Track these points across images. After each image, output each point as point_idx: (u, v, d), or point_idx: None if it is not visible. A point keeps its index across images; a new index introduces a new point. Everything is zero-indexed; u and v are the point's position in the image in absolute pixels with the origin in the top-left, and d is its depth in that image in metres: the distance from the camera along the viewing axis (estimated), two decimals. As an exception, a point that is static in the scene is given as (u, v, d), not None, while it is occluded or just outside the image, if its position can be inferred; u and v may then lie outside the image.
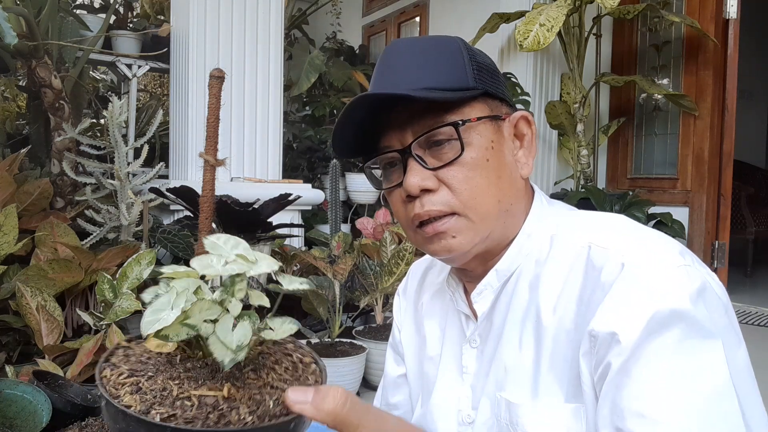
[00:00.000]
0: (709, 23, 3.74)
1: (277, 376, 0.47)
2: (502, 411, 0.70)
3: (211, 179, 1.31)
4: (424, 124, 0.69)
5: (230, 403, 0.42)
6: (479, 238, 0.71)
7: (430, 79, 0.69)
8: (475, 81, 0.70)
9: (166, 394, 0.42)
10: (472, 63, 0.71)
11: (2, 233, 2.13)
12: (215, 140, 1.30)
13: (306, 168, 4.56)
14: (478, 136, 0.70)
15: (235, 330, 0.42)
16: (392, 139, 0.72)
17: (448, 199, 0.69)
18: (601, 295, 0.62)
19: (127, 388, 0.43)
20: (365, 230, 3.10)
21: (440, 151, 0.70)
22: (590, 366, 0.62)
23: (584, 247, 0.67)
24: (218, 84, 1.29)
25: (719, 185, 3.81)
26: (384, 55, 0.74)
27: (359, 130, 0.72)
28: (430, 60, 0.70)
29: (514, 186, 0.73)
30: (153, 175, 2.75)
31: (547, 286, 0.69)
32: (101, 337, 1.83)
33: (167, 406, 0.41)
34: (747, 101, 5.79)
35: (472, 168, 0.69)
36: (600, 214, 0.74)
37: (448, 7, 4.89)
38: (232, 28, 3.23)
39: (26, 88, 3.58)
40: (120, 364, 0.47)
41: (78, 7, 4.01)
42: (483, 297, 0.76)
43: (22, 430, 1.37)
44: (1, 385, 1.43)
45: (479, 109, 0.71)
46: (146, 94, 5.71)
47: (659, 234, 0.67)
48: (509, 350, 0.71)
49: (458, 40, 0.74)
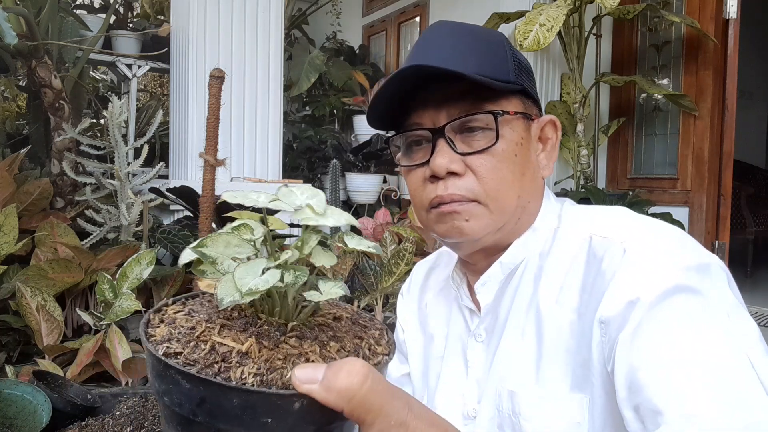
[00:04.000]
0: (709, 23, 3.74)
1: (322, 352, 0.40)
2: (504, 402, 0.70)
3: (211, 179, 1.31)
4: (461, 108, 0.69)
5: (241, 359, 0.37)
6: (492, 228, 0.71)
7: (473, 65, 0.68)
8: (515, 76, 0.71)
9: (188, 333, 0.40)
10: (513, 58, 0.72)
11: (2, 233, 2.13)
12: (215, 140, 1.30)
13: (306, 168, 4.56)
14: (511, 130, 0.70)
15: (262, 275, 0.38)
16: (424, 117, 0.71)
17: (473, 186, 0.69)
18: (604, 283, 0.63)
19: (168, 321, 0.42)
20: (365, 230, 3.10)
21: (472, 138, 0.70)
22: (603, 355, 0.62)
23: (585, 239, 0.69)
24: (218, 84, 1.29)
25: (719, 185, 3.81)
26: (428, 33, 0.73)
27: (391, 102, 0.72)
28: (475, 46, 0.70)
29: (534, 184, 0.74)
30: (153, 175, 2.76)
31: (549, 278, 0.70)
32: (101, 337, 1.83)
33: (181, 343, 0.39)
34: (747, 101, 5.79)
35: (501, 160, 0.69)
36: (601, 207, 0.75)
37: (448, 7, 4.89)
38: (232, 28, 3.23)
39: (26, 88, 3.58)
40: (190, 303, 0.45)
41: (78, 7, 4.01)
42: (486, 288, 0.76)
43: (22, 430, 1.36)
44: (1, 385, 1.43)
45: (515, 104, 0.71)
46: (146, 94, 5.71)
47: (659, 221, 0.68)
48: (512, 341, 0.72)
49: (501, 34, 0.75)
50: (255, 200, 0.40)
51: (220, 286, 0.37)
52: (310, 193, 0.41)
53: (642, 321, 0.57)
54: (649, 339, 0.56)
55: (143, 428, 1.28)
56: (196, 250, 0.39)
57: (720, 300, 0.58)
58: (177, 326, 0.40)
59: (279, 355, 0.38)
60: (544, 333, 0.68)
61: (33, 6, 2.78)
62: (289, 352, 0.39)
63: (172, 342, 0.39)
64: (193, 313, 0.43)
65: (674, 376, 0.53)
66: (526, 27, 3.33)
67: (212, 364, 0.37)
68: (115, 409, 1.36)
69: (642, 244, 0.63)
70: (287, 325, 0.41)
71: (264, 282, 0.37)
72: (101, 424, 1.31)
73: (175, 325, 0.41)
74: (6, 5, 2.57)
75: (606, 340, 0.61)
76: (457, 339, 0.81)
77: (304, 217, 0.39)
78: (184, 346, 0.38)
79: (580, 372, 0.65)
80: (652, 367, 0.55)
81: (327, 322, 0.44)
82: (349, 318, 0.46)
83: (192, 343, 0.38)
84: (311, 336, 0.41)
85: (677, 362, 0.54)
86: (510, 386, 0.70)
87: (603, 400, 0.63)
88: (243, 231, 0.40)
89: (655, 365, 0.55)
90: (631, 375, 0.56)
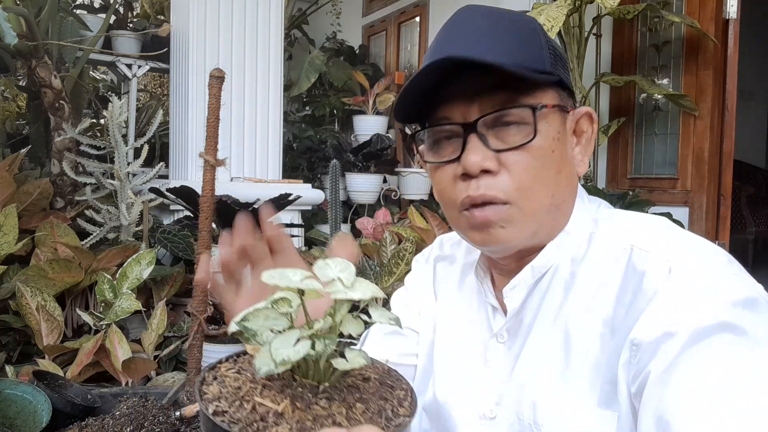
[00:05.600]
0: (709, 23, 3.74)
1: (348, 414, 0.44)
2: (525, 410, 0.67)
3: (211, 179, 1.31)
4: (494, 101, 0.64)
5: (277, 419, 0.41)
6: (527, 232, 0.67)
7: (509, 54, 0.63)
8: (552, 66, 0.66)
9: (234, 392, 0.44)
10: (549, 47, 0.67)
11: (2, 233, 2.13)
12: (215, 140, 1.30)
13: (306, 168, 4.56)
14: (547, 124, 0.66)
15: (295, 345, 0.42)
16: (454, 110, 0.66)
17: (506, 186, 0.64)
18: (644, 302, 0.60)
19: (219, 380, 0.46)
20: (365, 230, 3.10)
21: (507, 133, 0.65)
22: (629, 376, 0.60)
23: (626, 249, 0.65)
24: (218, 84, 1.29)
25: (719, 185, 3.81)
26: (456, 19, 0.68)
27: (420, 95, 0.67)
28: (509, 33, 0.65)
29: (570, 182, 0.69)
30: (153, 175, 2.76)
31: (582, 286, 0.67)
32: (101, 337, 1.83)
33: (228, 401, 0.43)
34: (747, 101, 5.79)
35: (537, 157, 0.65)
36: (641, 215, 0.72)
37: (448, 7, 4.89)
38: (232, 28, 3.23)
39: (26, 88, 3.58)
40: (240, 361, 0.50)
41: (78, 7, 4.01)
42: (516, 293, 0.71)
43: (22, 430, 1.36)
44: (1, 385, 1.43)
45: (551, 96, 0.66)
46: (146, 94, 5.71)
47: (703, 240, 0.65)
48: (537, 348, 0.69)
49: (535, 20, 0.69)
50: (290, 279, 0.45)
51: (258, 357, 0.42)
52: (342, 267, 0.46)
53: (679, 358, 0.54)
54: (684, 381, 0.53)
55: (143, 428, 1.28)
56: (240, 324, 0.44)
57: (766, 341, 0.54)
58: (226, 385, 0.45)
59: (309, 416, 0.42)
60: (572, 344, 0.65)
61: (33, 6, 2.78)
62: (318, 413, 0.42)
63: (221, 401, 0.43)
64: (242, 371, 0.48)
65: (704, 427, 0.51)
66: (526, 27, 3.33)
67: (252, 423, 0.41)
68: (115, 409, 1.35)
69: (688, 267, 0.59)
70: (319, 387, 0.45)
71: (296, 353, 0.42)
72: (101, 424, 1.31)
73: (225, 384, 0.46)
74: (6, 5, 2.57)
75: (635, 362, 0.59)
76: (477, 334, 0.77)
77: (334, 290, 0.44)
78: (230, 404, 0.43)
79: (608, 388, 0.62)
80: (684, 413, 0.52)
81: (356, 383, 0.47)
82: (377, 379, 0.49)
83: (237, 402, 0.43)
84: (339, 398, 0.44)
85: (709, 413, 0.51)
86: (533, 396, 0.67)
87: (630, 420, 0.60)
88: (281, 305, 0.45)
89: (686, 412, 0.52)
90: (659, 414, 0.54)
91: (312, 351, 0.42)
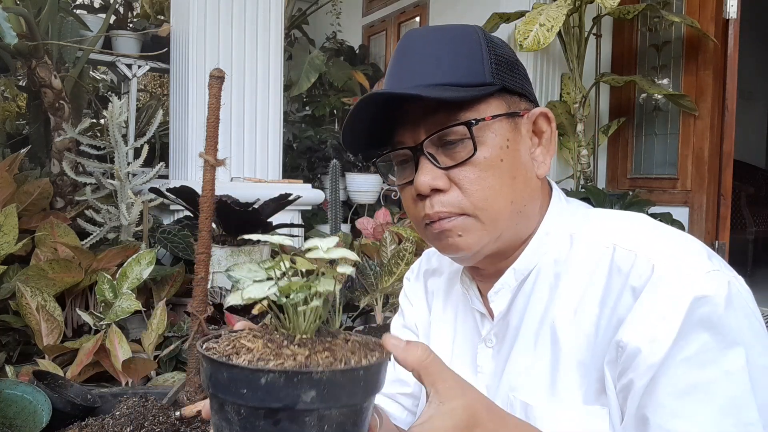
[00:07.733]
0: (709, 23, 3.74)
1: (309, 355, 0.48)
2: (516, 412, 0.69)
3: (211, 179, 1.31)
4: (436, 122, 0.67)
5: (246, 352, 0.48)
6: (489, 238, 0.69)
7: (444, 74, 0.66)
8: (492, 76, 0.67)
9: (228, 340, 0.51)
10: (491, 56, 0.68)
11: (2, 233, 2.13)
12: (215, 140, 1.30)
13: (306, 168, 4.56)
14: (493, 135, 0.67)
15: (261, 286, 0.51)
16: (405, 135, 0.70)
17: (459, 200, 0.67)
18: (630, 301, 0.61)
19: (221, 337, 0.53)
20: (365, 230, 3.10)
21: (453, 150, 0.67)
22: (614, 374, 0.62)
23: (608, 248, 0.66)
24: (218, 84, 1.29)
25: (719, 185, 3.81)
26: (400, 47, 0.71)
27: (373, 124, 0.70)
28: (445, 53, 0.68)
29: (528, 186, 0.70)
30: (153, 175, 2.76)
31: (566, 287, 0.68)
32: (101, 337, 1.83)
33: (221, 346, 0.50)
34: (747, 101, 5.79)
35: (484, 168, 0.67)
36: (620, 213, 0.73)
37: (448, 7, 4.89)
38: (232, 28, 3.23)
39: (26, 88, 3.58)
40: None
41: (78, 7, 4.02)
42: (500, 296, 0.74)
43: (22, 430, 1.37)
44: (1, 385, 1.43)
45: (495, 106, 0.68)
46: (146, 94, 5.71)
47: (684, 235, 0.66)
48: (526, 351, 0.70)
49: (477, 29, 0.70)
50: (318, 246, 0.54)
51: (231, 295, 0.50)
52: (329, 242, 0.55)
53: (661, 364, 0.57)
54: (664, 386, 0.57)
55: (143, 428, 1.28)
56: (226, 273, 0.52)
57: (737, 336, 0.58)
58: (225, 338, 0.53)
59: (273, 353, 0.48)
60: (561, 345, 0.66)
61: (33, 6, 2.78)
62: (282, 352, 0.48)
63: (219, 347, 0.50)
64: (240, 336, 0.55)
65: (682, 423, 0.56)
66: (526, 27, 3.33)
67: (226, 354, 0.48)
68: (115, 409, 1.36)
69: (670, 265, 0.61)
70: (295, 337, 0.51)
71: (261, 293, 0.50)
72: (101, 424, 1.31)
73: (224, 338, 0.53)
74: (6, 5, 2.57)
75: (620, 362, 0.61)
76: (466, 341, 0.80)
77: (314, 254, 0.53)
78: (220, 345, 0.50)
79: (596, 386, 0.64)
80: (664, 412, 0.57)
81: (336, 342, 0.51)
82: (359, 342, 0.52)
83: (225, 344, 0.50)
84: (310, 345, 0.49)
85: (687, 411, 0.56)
86: (523, 397, 0.69)
87: (618, 414, 0.62)
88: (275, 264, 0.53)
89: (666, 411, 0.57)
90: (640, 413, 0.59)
91: (284, 299, 0.50)
